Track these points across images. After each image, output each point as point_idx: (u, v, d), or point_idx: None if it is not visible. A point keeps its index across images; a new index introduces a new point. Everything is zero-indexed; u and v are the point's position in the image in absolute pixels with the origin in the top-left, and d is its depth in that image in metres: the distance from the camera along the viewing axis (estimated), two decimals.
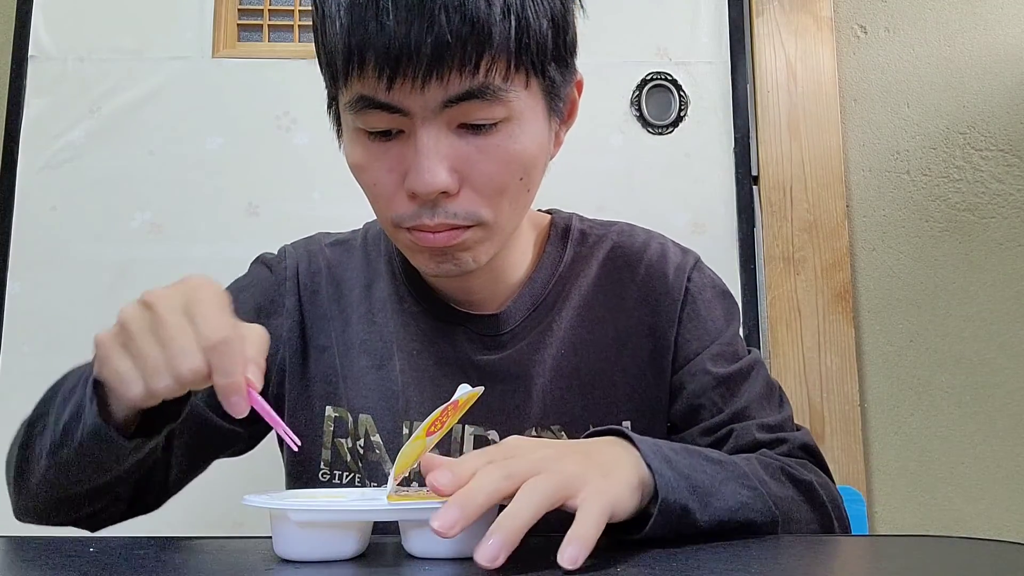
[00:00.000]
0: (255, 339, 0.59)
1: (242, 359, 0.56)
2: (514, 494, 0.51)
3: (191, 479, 0.82)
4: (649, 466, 0.58)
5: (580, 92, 0.76)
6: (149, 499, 0.78)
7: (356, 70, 0.64)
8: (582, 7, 0.73)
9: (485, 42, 0.63)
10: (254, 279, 0.85)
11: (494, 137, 0.67)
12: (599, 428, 0.63)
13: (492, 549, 0.48)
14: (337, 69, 0.67)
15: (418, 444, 0.56)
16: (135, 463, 0.67)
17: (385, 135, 0.67)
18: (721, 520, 0.60)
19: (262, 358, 0.59)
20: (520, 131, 0.68)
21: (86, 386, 0.62)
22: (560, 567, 0.48)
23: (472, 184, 0.68)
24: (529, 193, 0.73)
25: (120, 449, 0.63)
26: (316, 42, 0.71)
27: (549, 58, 0.68)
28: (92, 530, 0.76)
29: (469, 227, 0.69)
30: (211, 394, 0.59)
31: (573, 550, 0.49)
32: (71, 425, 0.63)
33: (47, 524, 0.74)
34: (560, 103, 0.73)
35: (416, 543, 0.53)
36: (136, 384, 0.57)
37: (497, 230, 0.71)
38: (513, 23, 0.64)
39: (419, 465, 0.57)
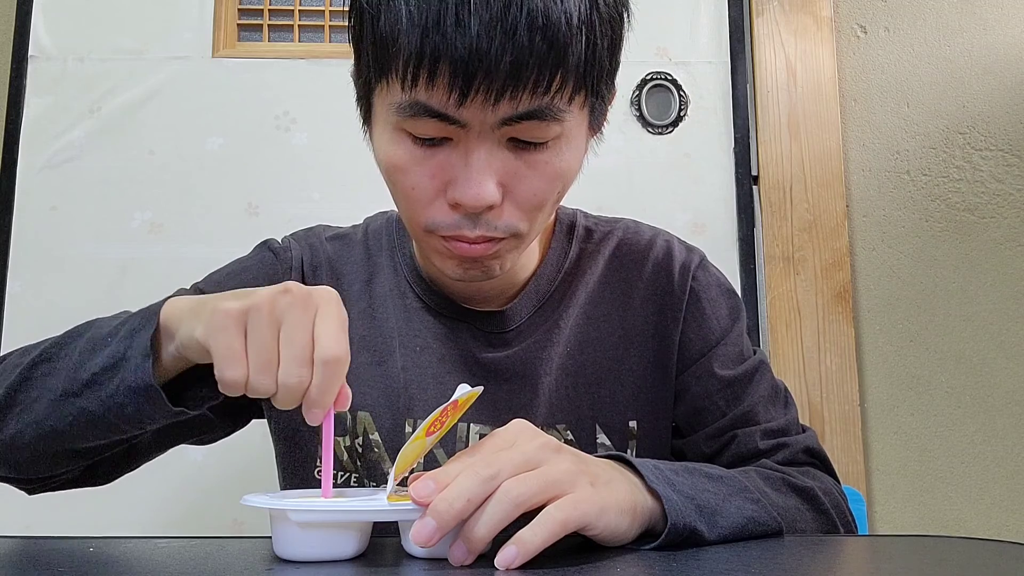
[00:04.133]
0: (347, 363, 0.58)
1: (340, 382, 0.56)
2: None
3: (149, 460, 0.80)
4: (655, 491, 0.58)
5: (611, 102, 0.75)
6: (103, 472, 0.76)
7: (426, 78, 0.61)
8: (630, 24, 0.70)
9: (560, 63, 0.61)
10: (258, 261, 0.85)
11: (543, 154, 0.66)
12: (602, 454, 0.62)
13: (457, 554, 0.51)
14: (395, 68, 0.63)
15: (418, 444, 0.55)
16: (139, 431, 0.65)
17: (431, 139, 0.65)
18: (727, 537, 0.60)
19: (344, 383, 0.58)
20: (567, 147, 0.68)
21: (131, 339, 0.61)
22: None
23: (515, 198, 0.67)
24: (559, 203, 0.73)
25: (158, 412, 0.61)
26: (359, 26, 0.66)
27: (604, 77, 0.67)
28: (29, 493, 0.74)
29: (504, 238, 0.68)
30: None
31: (511, 553, 0.50)
32: (104, 376, 0.61)
33: None
34: (600, 117, 0.72)
35: (414, 544, 0.53)
36: (239, 368, 0.55)
37: (527, 239, 0.71)
38: (584, 44, 0.62)
39: (419, 465, 0.57)
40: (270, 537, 0.56)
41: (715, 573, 0.48)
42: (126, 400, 0.60)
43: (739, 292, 1.38)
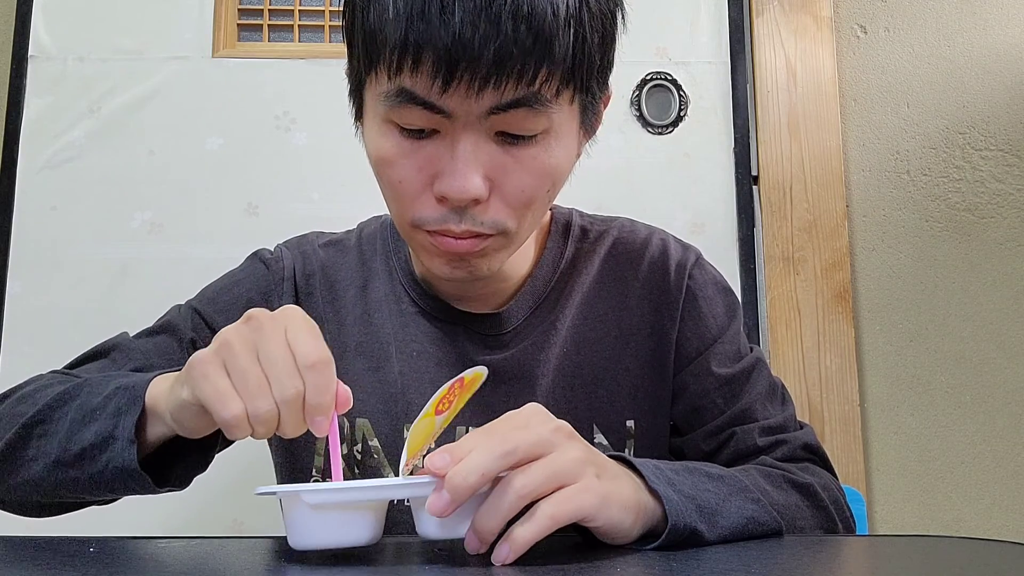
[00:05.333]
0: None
1: (334, 381, 0.56)
2: (513, 469, 0.52)
3: None
4: (655, 491, 0.58)
5: (606, 105, 0.75)
6: (107, 500, 0.77)
7: (410, 65, 0.62)
8: (624, 22, 0.71)
9: (546, 54, 0.62)
10: (250, 273, 0.85)
11: (531, 148, 0.66)
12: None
13: (472, 544, 0.52)
14: (382, 58, 0.63)
15: (427, 422, 0.56)
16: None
17: (418, 132, 0.65)
18: (727, 537, 0.60)
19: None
20: (556, 144, 0.67)
21: (118, 419, 0.62)
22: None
23: (502, 193, 0.67)
24: (549, 203, 0.73)
25: (146, 491, 0.63)
26: (351, 20, 0.67)
27: (595, 74, 0.67)
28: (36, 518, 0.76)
29: (491, 235, 0.68)
30: None
31: (503, 550, 0.51)
32: (93, 452, 0.62)
33: (3, 509, 0.73)
34: (592, 117, 0.72)
35: (429, 526, 0.53)
36: (235, 403, 0.54)
37: (516, 239, 0.71)
38: (572, 37, 0.63)
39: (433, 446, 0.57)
40: (270, 537, 0.56)
41: (715, 573, 0.48)
42: (114, 478, 0.62)
43: (739, 292, 1.38)
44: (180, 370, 0.61)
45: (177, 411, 0.59)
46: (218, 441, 0.66)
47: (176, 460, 0.66)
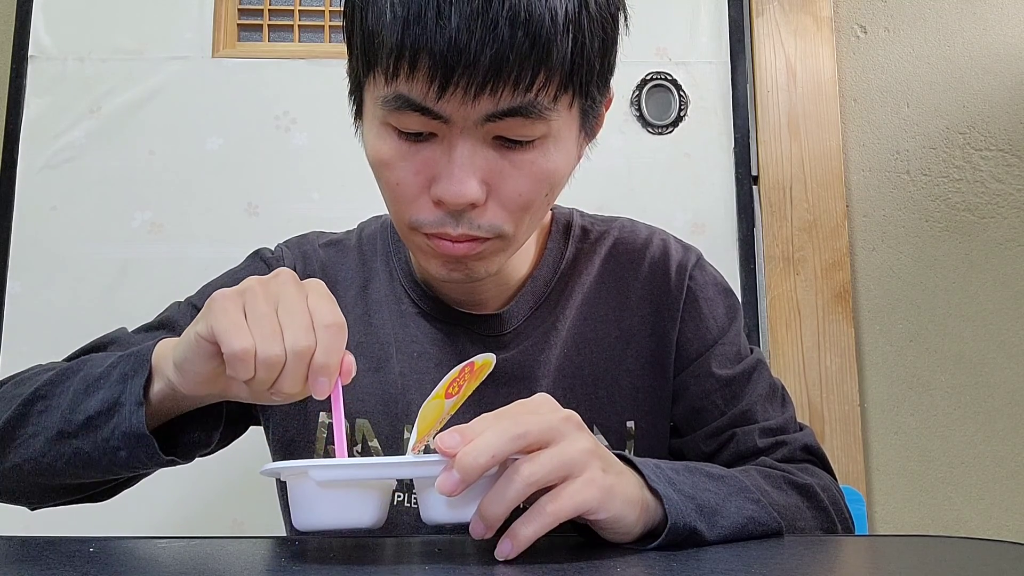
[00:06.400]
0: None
1: (344, 346, 0.57)
2: (522, 453, 0.52)
3: (144, 477, 0.81)
4: (655, 490, 0.58)
5: (608, 107, 0.74)
6: (104, 493, 0.77)
7: (406, 70, 0.61)
8: (627, 27, 0.70)
9: (543, 60, 0.61)
10: (251, 272, 0.84)
11: (528, 153, 0.66)
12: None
13: (477, 529, 0.52)
14: (379, 62, 0.63)
15: (437, 404, 0.56)
16: (132, 475, 0.67)
17: (416, 135, 0.65)
18: (727, 537, 0.60)
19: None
20: (554, 149, 0.67)
21: (124, 384, 0.62)
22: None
23: (499, 198, 0.66)
24: (548, 206, 0.72)
25: (150, 460, 0.63)
26: (351, 23, 0.67)
27: (595, 79, 0.67)
28: (32, 509, 0.75)
29: (488, 239, 0.68)
30: None
31: (506, 546, 0.51)
32: (99, 420, 0.62)
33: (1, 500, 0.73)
34: (593, 120, 0.72)
35: (435, 509, 0.53)
36: (247, 338, 0.54)
37: (514, 242, 0.70)
38: (570, 43, 0.62)
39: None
40: (270, 537, 0.56)
41: (715, 573, 0.48)
42: (120, 445, 0.62)
43: (739, 292, 1.38)
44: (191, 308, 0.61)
45: (184, 354, 0.59)
46: (222, 420, 0.66)
47: (181, 434, 0.66)
